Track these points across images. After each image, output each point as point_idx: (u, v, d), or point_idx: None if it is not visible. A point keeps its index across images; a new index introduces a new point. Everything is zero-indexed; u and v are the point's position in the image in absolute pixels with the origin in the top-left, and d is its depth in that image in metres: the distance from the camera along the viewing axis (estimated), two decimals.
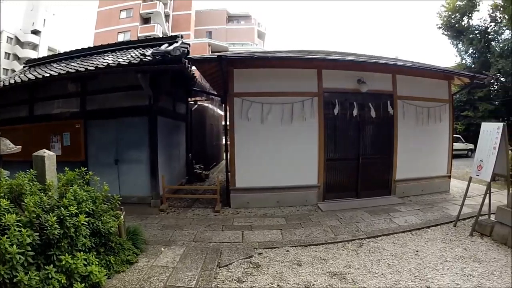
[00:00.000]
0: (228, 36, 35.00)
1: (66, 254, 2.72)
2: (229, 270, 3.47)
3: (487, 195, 5.05)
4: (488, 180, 4.95)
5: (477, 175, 5.17)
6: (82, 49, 8.40)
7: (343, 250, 4.06)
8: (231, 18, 38.05)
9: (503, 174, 5.49)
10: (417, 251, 4.06)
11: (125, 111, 6.42)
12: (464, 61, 22.82)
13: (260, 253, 3.87)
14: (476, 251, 4.22)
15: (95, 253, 3.17)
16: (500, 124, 5.12)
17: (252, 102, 5.93)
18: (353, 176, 6.55)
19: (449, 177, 7.88)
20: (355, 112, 6.21)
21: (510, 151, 5.80)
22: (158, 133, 6.31)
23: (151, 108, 6.29)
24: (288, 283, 3.19)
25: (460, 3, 22.02)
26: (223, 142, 10.02)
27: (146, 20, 31.81)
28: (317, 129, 6.19)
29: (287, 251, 3.96)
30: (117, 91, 6.45)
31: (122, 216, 3.75)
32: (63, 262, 2.66)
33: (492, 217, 4.94)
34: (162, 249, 3.98)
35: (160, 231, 4.75)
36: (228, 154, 6.34)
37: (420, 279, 3.36)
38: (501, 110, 20.19)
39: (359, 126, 6.53)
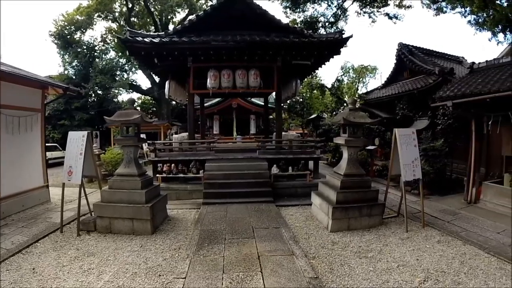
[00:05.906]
0: None
1: None
2: None
3: (84, 196, 5.65)
4: (79, 183, 5.41)
5: (69, 180, 5.49)
6: None
7: None
8: None
9: (93, 175, 6.23)
10: (33, 268, 3.99)
11: None
12: (67, 72, 23.05)
13: None
14: (88, 247, 4.66)
15: None
16: (85, 132, 5.69)
17: None
18: None
19: (47, 186, 7.68)
20: None
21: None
22: None
23: None
24: None
25: (79, 18, 22.91)
26: None
27: None
28: None
29: None
30: None
31: None
32: None
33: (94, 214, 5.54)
34: None
35: None
36: None
37: None
38: (96, 119, 20.91)
39: None
